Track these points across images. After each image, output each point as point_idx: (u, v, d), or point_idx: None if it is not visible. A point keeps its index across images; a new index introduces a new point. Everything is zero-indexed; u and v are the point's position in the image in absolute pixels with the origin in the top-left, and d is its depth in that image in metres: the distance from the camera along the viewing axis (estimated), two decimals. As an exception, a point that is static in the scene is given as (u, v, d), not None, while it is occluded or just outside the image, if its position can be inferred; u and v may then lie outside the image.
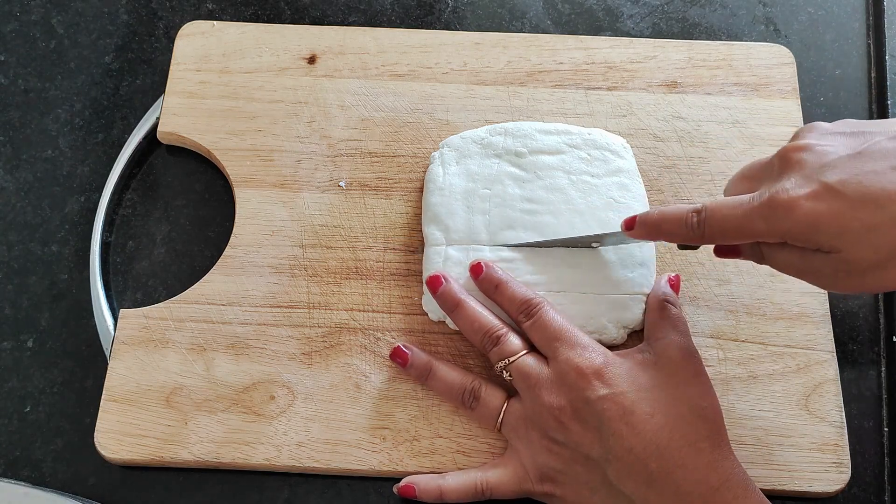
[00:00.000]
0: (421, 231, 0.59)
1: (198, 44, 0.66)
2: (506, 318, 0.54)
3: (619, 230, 0.51)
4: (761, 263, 0.48)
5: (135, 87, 0.67)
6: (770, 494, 0.52)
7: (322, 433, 0.54)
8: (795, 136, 0.47)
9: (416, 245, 0.59)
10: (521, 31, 0.69)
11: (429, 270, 0.56)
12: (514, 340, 0.52)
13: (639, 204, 0.58)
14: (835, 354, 0.56)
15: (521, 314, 0.52)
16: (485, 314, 0.53)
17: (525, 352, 0.52)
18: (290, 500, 0.54)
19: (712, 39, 0.69)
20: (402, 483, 0.51)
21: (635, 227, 0.50)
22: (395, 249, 0.59)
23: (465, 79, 0.65)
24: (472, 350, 0.56)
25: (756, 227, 0.44)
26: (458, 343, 0.56)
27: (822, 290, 0.58)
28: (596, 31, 0.69)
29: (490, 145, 0.60)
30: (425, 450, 0.53)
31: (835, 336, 0.57)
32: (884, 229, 0.40)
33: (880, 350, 0.59)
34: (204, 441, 0.53)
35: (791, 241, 0.44)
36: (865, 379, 0.58)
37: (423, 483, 0.51)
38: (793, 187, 0.43)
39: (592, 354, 0.49)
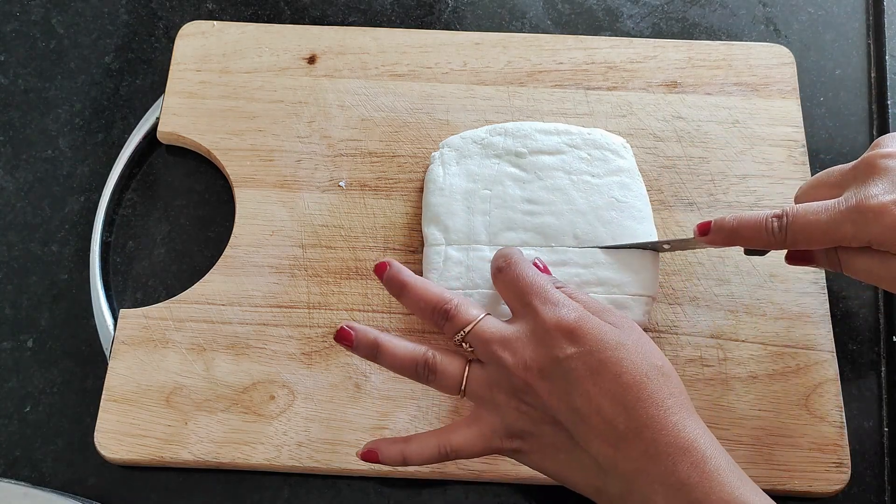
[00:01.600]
0: (421, 231, 0.59)
1: (198, 44, 0.66)
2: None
3: (691, 235, 0.52)
4: (835, 270, 0.49)
5: (135, 87, 0.67)
6: (770, 494, 0.52)
7: (322, 433, 0.54)
8: (877, 144, 0.48)
9: (416, 245, 0.59)
10: (521, 31, 0.69)
11: (429, 271, 0.56)
12: (467, 309, 0.48)
13: (641, 203, 0.58)
14: (835, 354, 0.56)
15: (494, 269, 0.50)
16: (431, 289, 0.49)
17: (482, 316, 0.48)
18: (290, 500, 0.54)
19: (712, 39, 0.69)
20: (364, 448, 0.49)
21: (710, 233, 0.50)
22: (395, 249, 0.59)
23: (465, 79, 0.65)
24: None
25: (843, 232, 0.46)
26: (458, 343, 0.56)
27: (823, 290, 0.58)
28: (596, 31, 0.69)
29: (490, 145, 0.60)
30: (425, 450, 0.53)
31: (835, 336, 0.57)
32: None
33: (880, 350, 0.59)
34: (204, 441, 0.53)
35: (877, 246, 0.46)
36: (865, 379, 0.58)
37: (385, 449, 0.49)
38: (882, 193, 0.45)
39: (564, 311, 0.46)
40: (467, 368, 0.48)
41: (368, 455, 0.49)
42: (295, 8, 0.70)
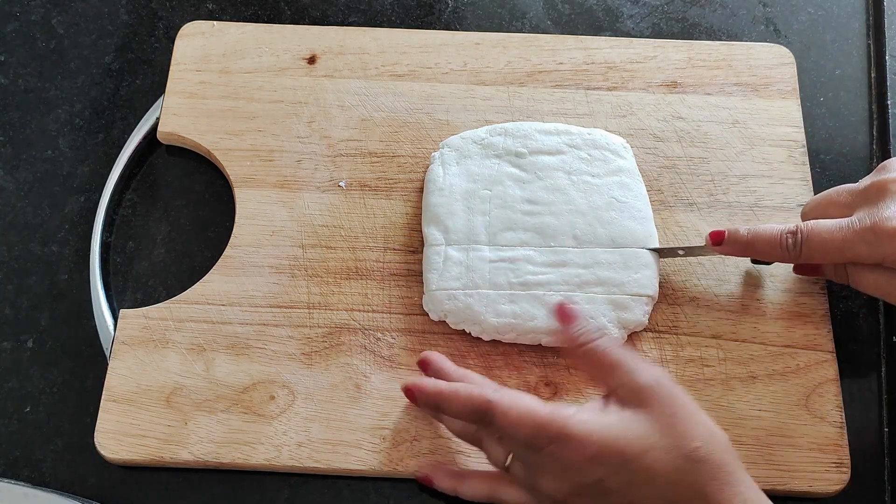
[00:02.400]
0: (421, 231, 0.59)
1: (198, 44, 0.66)
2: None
3: (704, 243, 0.54)
4: (842, 282, 0.52)
5: (135, 87, 0.67)
6: (770, 494, 0.52)
7: (322, 433, 0.54)
8: (884, 168, 0.52)
9: (416, 245, 0.59)
10: (521, 31, 0.69)
11: (429, 270, 0.56)
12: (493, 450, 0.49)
13: (641, 203, 0.58)
14: (835, 354, 0.56)
15: (480, 422, 0.47)
16: (464, 393, 0.48)
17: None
18: (290, 500, 0.54)
19: (712, 39, 0.69)
20: (420, 472, 0.52)
21: (724, 244, 0.53)
22: (395, 249, 0.59)
23: (465, 79, 0.65)
24: (472, 350, 0.56)
25: (857, 251, 0.49)
26: (459, 343, 0.56)
27: (823, 291, 0.58)
28: (596, 31, 0.69)
29: (490, 145, 0.60)
30: (425, 450, 0.53)
31: (835, 336, 0.57)
32: None
33: (880, 350, 0.59)
34: (204, 441, 0.53)
35: (889, 264, 0.49)
36: (865, 379, 0.58)
37: (439, 479, 0.52)
38: (893, 215, 0.48)
39: (577, 444, 0.44)
40: (510, 458, 0.48)
41: (423, 479, 0.52)
42: (295, 8, 0.70)
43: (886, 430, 0.56)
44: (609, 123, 0.63)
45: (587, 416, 0.45)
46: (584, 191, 0.58)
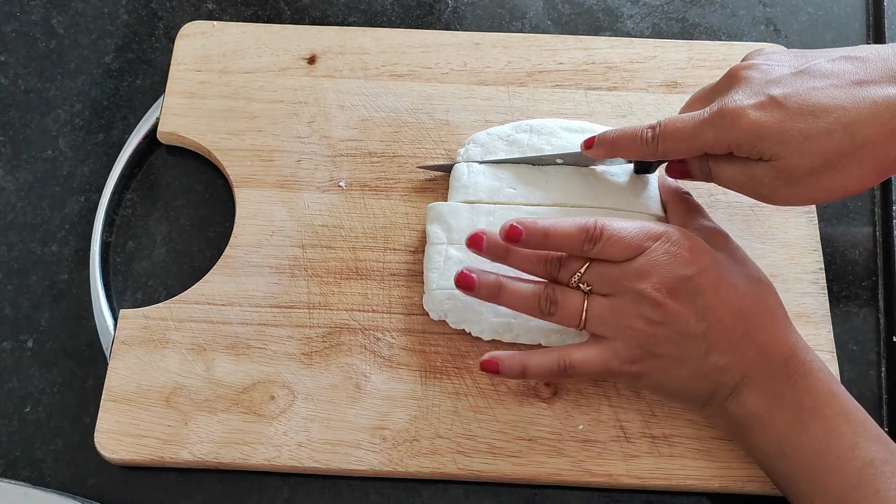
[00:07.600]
0: (421, 231, 0.59)
1: (198, 44, 0.66)
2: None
3: (580, 150, 0.56)
4: (708, 181, 0.53)
5: (135, 87, 0.67)
6: (770, 494, 0.52)
7: (322, 433, 0.54)
8: (744, 59, 0.52)
9: (416, 245, 0.59)
10: (521, 31, 0.69)
11: (430, 269, 0.56)
12: (572, 262, 0.52)
13: (655, 205, 0.58)
14: (835, 354, 0.56)
15: (585, 244, 0.51)
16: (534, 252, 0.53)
17: (588, 263, 0.51)
18: (290, 500, 0.54)
19: (712, 39, 0.69)
20: (485, 357, 0.52)
21: (594, 147, 0.55)
22: (395, 249, 0.59)
23: (465, 79, 0.65)
24: (472, 349, 0.56)
25: (706, 137, 0.49)
26: (459, 343, 0.56)
27: (823, 291, 0.58)
28: (596, 31, 0.69)
29: (516, 142, 0.60)
30: (425, 450, 0.53)
31: (835, 336, 0.57)
32: (819, 138, 0.46)
33: (880, 350, 0.59)
34: (204, 441, 0.53)
35: (736, 151, 0.49)
36: (865, 379, 0.58)
37: (506, 360, 0.52)
38: (741, 99, 0.49)
39: (677, 239, 0.50)
40: (586, 301, 0.51)
41: (489, 364, 0.52)
42: (295, 8, 0.70)
43: (886, 430, 0.56)
44: (609, 123, 0.63)
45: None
46: (603, 191, 0.57)
